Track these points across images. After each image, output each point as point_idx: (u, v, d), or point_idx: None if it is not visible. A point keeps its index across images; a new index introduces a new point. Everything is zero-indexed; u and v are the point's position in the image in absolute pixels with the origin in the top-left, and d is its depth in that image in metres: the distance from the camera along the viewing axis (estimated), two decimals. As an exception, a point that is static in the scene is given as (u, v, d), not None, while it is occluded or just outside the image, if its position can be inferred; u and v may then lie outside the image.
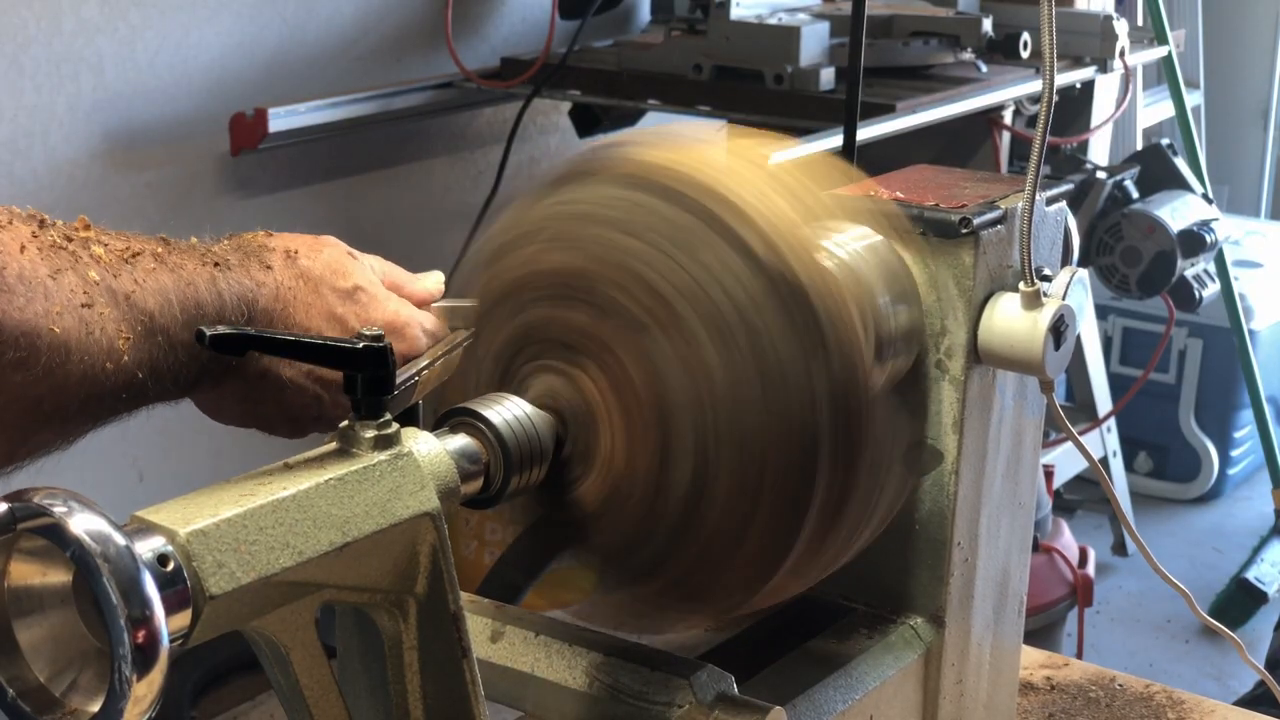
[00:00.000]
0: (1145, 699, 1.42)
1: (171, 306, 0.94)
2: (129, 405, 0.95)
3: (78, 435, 0.95)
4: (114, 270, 0.92)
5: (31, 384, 0.86)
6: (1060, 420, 1.14)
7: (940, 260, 1.03)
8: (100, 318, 0.89)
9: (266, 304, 1.00)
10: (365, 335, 0.77)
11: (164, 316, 0.93)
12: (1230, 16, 5.31)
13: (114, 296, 0.91)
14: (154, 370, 0.94)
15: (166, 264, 0.95)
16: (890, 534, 1.05)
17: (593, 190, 0.92)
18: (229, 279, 0.98)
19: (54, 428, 0.92)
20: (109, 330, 0.90)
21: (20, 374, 0.85)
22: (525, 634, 0.94)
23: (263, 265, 1.02)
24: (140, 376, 0.93)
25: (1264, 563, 3.98)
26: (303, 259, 1.04)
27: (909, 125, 2.80)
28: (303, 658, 0.76)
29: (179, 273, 0.96)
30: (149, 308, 0.92)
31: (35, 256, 0.87)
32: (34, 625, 0.70)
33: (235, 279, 0.99)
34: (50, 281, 0.87)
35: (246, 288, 0.99)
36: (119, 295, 0.91)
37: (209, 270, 0.98)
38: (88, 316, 0.89)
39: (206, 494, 0.72)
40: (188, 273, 0.96)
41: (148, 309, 0.92)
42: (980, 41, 3.10)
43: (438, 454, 0.79)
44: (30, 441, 0.92)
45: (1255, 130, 5.55)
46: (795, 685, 0.98)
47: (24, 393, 0.87)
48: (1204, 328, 4.48)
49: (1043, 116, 1.01)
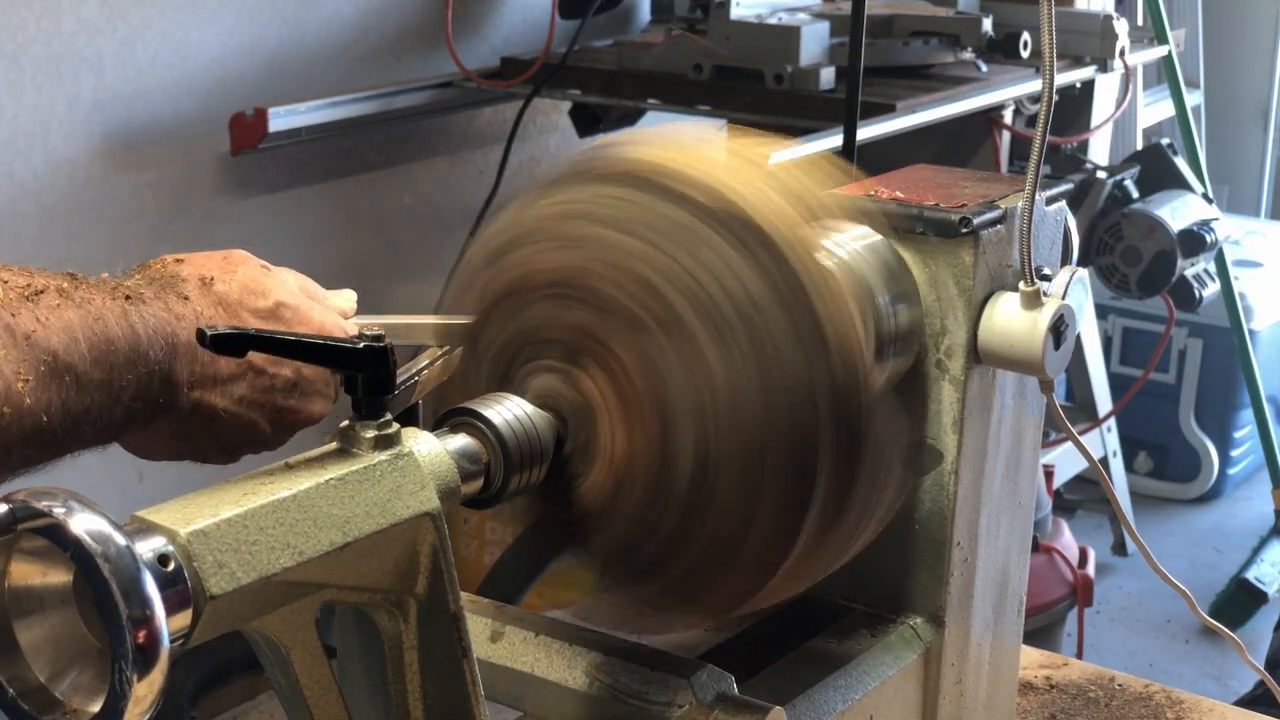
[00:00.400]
0: (1145, 699, 1.42)
1: (78, 344, 0.88)
2: (43, 455, 0.90)
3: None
4: (12, 309, 0.87)
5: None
6: (1060, 420, 1.14)
7: (940, 260, 1.03)
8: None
9: (189, 337, 0.95)
10: (365, 335, 0.77)
11: (70, 354, 0.88)
12: (1230, 16, 5.30)
13: (12, 336, 0.86)
14: (66, 414, 0.88)
15: (73, 299, 0.90)
16: (890, 534, 1.05)
17: (592, 190, 0.92)
18: (144, 313, 0.93)
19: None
20: (5, 372, 0.85)
21: None
22: (525, 634, 0.94)
23: (179, 296, 0.97)
24: (46, 421, 0.87)
25: (1264, 563, 3.98)
26: (218, 284, 1.00)
27: (909, 125, 2.80)
28: (303, 658, 0.76)
29: (86, 308, 0.90)
30: (52, 346, 0.87)
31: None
32: (34, 625, 0.70)
33: (151, 313, 0.94)
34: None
35: (165, 320, 0.94)
36: (18, 335, 0.86)
37: (120, 304, 0.93)
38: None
39: (207, 494, 0.72)
40: (95, 307, 0.91)
41: (50, 348, 0.87)
42: (980, 41, 3.10)
43: (438, 454, 0.79)
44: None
45: (1255, 130, 5.55)
46: (795, 685, 0.98)
47: None
48: (1204, 328, 4.47)
49: (1043, 116, 1.01)
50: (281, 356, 0.78)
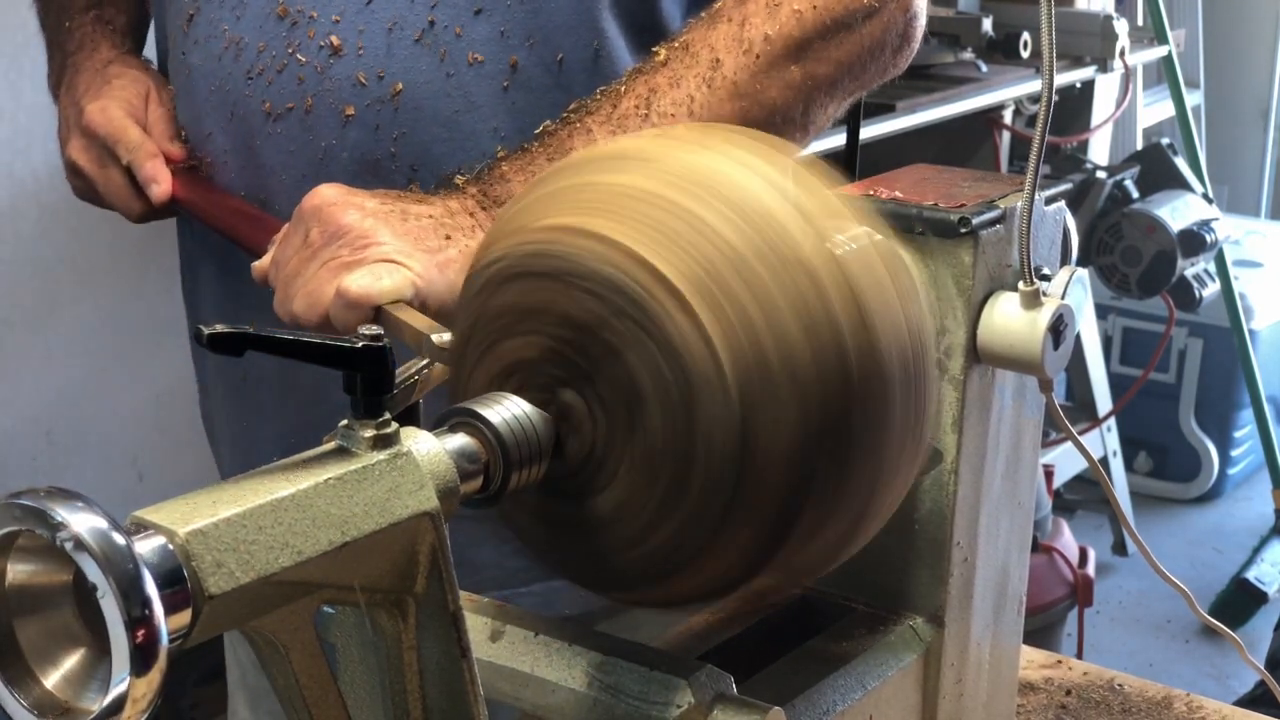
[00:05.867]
0: (1145, 699, 1.42)
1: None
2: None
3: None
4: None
5: None
6: (1060, 420, 1.14)
7: (939, 260, 1.03)
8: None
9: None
10: (365, 335, 0.77)
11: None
12: (1230, 16, 5.31)
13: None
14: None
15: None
16: (890, 534, 1.05)
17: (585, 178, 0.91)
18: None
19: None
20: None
21: None
22: (525, 634, 0.95)
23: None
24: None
25: (1264, 563, 3.99)
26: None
27: (909, 125, 2.81)
28: (302, 657, 0.76)
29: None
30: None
31: None
32: (34, 624, 0.70)
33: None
34: None
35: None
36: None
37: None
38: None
39: (206, 494, 0.72)
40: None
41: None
42: (980, 41, 3.10)
43: (437, 453, 0.79)
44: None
45: (1255, 130, 5.56)
46: (795, 685, 0.98)
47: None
48: (1204, 327, 4.48)
49: (1042, 116, 1.01)
50: (281, 356, 0.78)
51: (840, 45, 1.29)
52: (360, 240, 1.15)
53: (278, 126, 1.32)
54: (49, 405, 2.66)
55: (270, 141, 1.33)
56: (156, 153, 1.39)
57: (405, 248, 1.15)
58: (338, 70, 1.29)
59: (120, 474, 2.70)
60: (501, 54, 1.28)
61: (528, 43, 1.29)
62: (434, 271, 1.15)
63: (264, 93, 1.32)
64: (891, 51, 1.35)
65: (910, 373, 0.85)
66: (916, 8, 1.35)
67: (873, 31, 1.31)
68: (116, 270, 2.70)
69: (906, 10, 1.33)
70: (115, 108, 1.42)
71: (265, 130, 1.33)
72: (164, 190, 1.38)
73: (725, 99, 1.25)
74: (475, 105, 1.29)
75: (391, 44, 1.28)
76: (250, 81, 1.33)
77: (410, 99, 1.29)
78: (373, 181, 1.28)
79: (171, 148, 1.41)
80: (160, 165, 1.39)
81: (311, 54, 1.30)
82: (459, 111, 1.29)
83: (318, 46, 1.30)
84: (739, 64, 1.26)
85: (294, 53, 1.30)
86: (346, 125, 1.30)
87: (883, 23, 1.31)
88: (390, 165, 1.30)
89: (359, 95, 1.29)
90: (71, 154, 1.44)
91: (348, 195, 1.19)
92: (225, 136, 1.37)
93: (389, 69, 1.28)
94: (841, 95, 1.34)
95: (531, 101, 1.29)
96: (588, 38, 1.30)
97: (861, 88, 1.36)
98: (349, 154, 1.30)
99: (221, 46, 1.34)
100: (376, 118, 1.29)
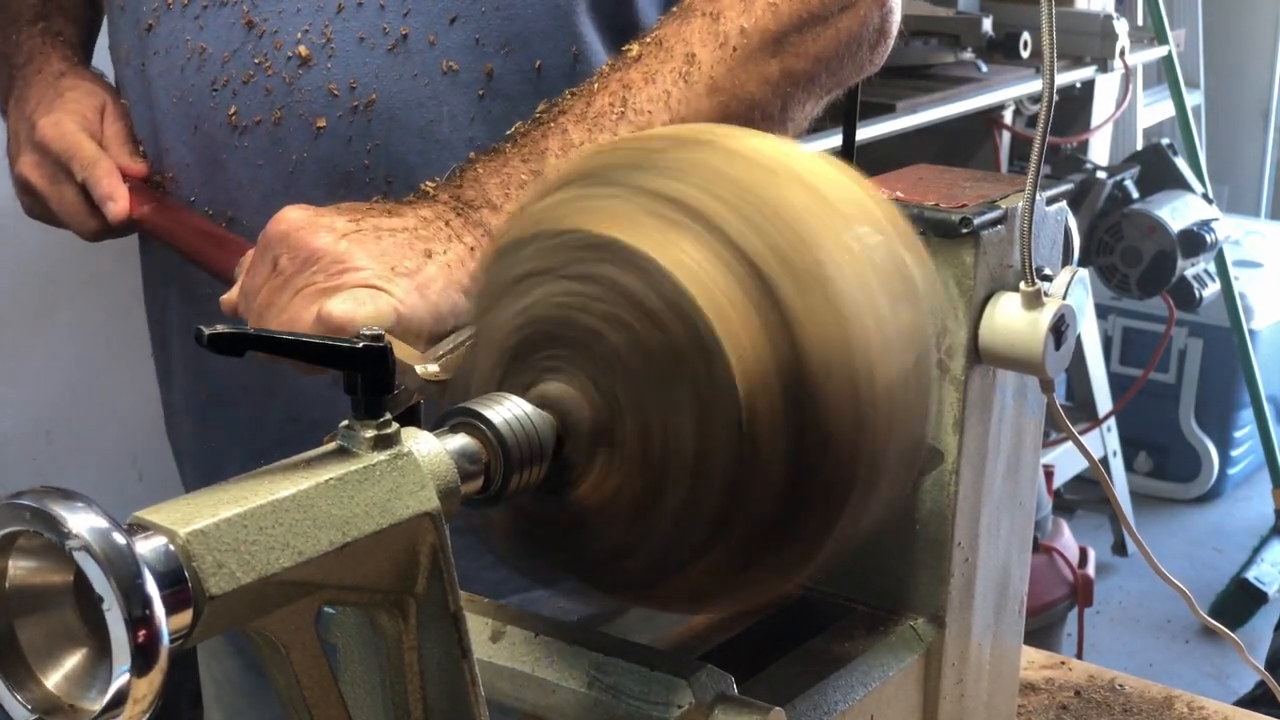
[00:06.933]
0: (1146, 700, 1.42)
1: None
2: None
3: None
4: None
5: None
6: (1060, 420, 1.14)
7: (940, 260, 1.03)
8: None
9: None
10: (365, 335, 0.77)
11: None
12: (1230, 16, 5.31)
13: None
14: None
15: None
16: (890, 534, 1.05)
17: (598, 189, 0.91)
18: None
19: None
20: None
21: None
22: (525, 634, 0.94)
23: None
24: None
25: (1264, 563, 3.99)
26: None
27: (909, 125, 2.81)
28: (302, 658, 0.76)
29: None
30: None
31: None
32: (34, 625, 0.70)
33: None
34: None
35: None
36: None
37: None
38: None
39: (206, 494, 0.72)
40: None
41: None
42: (980, 41, 3.11)
43: (437, 454, 0.79)
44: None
45: (1255, 130, 5.56)
46: (795, 685, 0.98)
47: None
48: (1204, 327, 4.48)
49: (1043, 116, 1.01)
50: (281, 355, 0.77)
51: (816, 39, 1.28)
52: (335, 265, 1.09)
53: (244, 139, 1.29)
54: (49, 405, 2.66)
55: (237, 155, 1.29)
56: (113, 169, 1.34)
57: (384, 271, 1.10)
58: (308, 81, 1.26)
59: (120, 474, 2.70)
60: (476, 62, 1.25)
61: (503, 50, 1.26)
62: (415, 296, 1.10)
63: (229, 104, 1.28)
64: (869, 47, 1.33)
65: (905, 374, 0.85)
66: (891, 3, 1.33)
67: (849, 26, 1.30)
68: (117, 271, 2.70)
69: (882, 5, 1.31)
70: (69, 121, 1.37)
71: (231, 143, 1.29)
72: (121, 208, 1.33)
73: (703, 94, 1.23)
74: (451, 115, 1.26)
75: (364, 53, 1.25)
76: (215, 93, 1.29)
77: (384, 109, 1.25)
78: (346, 195, 1.24)
79: (130, 163, 1.36)
80: (117, 181, 1.34)
81: (279, 65, 1.26)
82: (434, 121, 1.26)
83: (286, 57, 1.26)
84: (715, 58, 1.23)
85: (261, 63, 1.27)
86: (318, 137, 1.26)
87: (858, 17, 1.30)
88: (364, 178, 1.26)
89: (331, 106, 1.25)
90: (22, 170, 1.39)
91: (315, 216, 1.13)
92: (188, 150, 1.33)
93: (361, 79, 1.25)
94: (820, 92, 1.32)
95: (508, 110, 1.26)
96: (565, 43, 1.27)
97: (839, 85, 1.34)
98: (320, 167, 1.27)
99: (184, 57, 1.30)
100: (349, 129, 1.26)
